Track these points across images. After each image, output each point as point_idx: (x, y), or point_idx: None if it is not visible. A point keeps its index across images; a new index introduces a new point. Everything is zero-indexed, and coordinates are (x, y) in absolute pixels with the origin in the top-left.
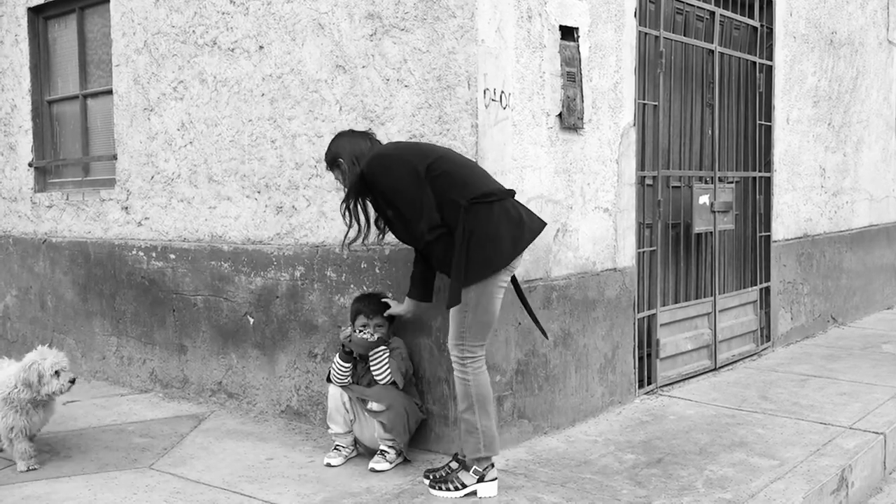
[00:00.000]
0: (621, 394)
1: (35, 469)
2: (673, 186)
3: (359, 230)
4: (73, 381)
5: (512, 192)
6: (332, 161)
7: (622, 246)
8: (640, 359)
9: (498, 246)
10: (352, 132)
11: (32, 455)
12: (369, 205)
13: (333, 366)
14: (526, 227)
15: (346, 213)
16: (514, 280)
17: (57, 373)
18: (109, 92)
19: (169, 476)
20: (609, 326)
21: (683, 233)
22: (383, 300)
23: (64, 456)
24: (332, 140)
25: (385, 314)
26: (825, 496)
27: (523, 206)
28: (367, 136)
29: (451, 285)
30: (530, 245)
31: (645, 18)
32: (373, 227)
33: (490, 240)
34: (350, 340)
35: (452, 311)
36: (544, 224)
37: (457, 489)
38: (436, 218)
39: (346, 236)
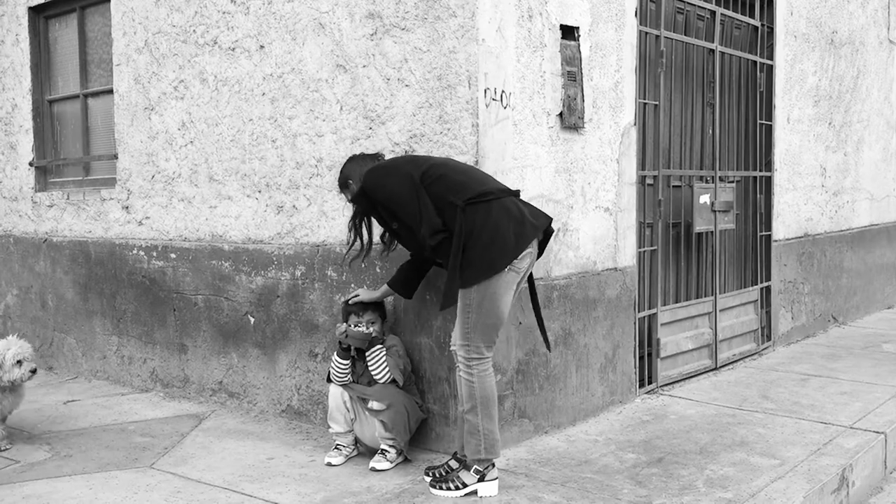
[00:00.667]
0: (622, 393)
1: (7, 449)
2: (673, 186)
3: (361, 247)
4: (34, 371)
5: (514, 192)
6: (344, 183)
7: (623, 245)
8: (641, 358)
9: (499, 245)
10: (363, 156)
11: (4, 437)
12: (374, 223)
13: (332, 364)
14: (528, 223)
15: (352, 230)
16: (531, 283)
17: (19, 362)
18: (110, 91)
19: (170, 475)
20: (610, 326)
21: (684, 232)
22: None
23: (65, 455)
24: (344, 164)
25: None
26: (826, 495)
27: (527, 203)
28: (376, 157)
29: (446, 287)
30: (544, 245)
31: (645, 18)
32: (374, 246)
33: (490, 239)
34: (346, 335)
35: (458, 311)
36: (549, 219)
37: (457, 488)
38: (437, 223)
39: (346, 253)
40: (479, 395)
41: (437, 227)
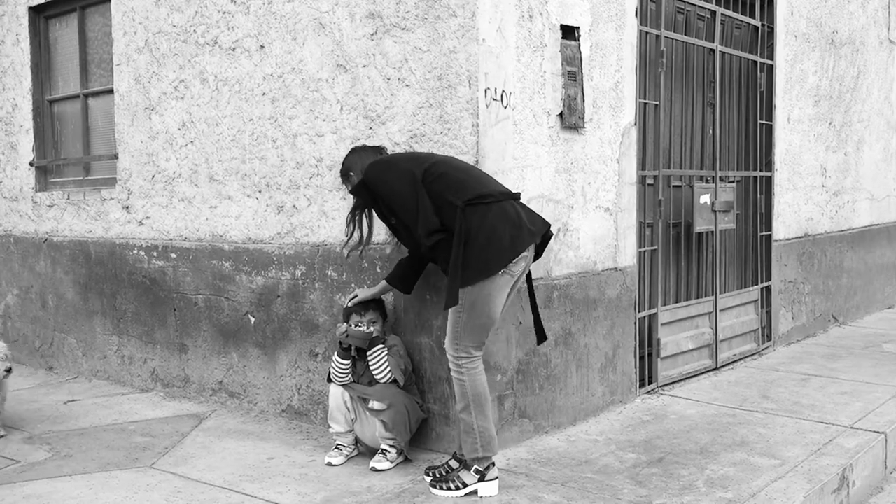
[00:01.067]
0: (622, 393)
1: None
2: (674, 186)
3: (360, 238)
4: (9, 371)
5: (515, 195)
6: (345, 174)
7: (623, 245)
8: (641, 358)
9: (495, 247)
10: (364, 147)
11: None
12: (374, 215)
13: (332, 364)
14: (525, 228)
15: (351, 222)
16: (528, 279)
17: None
18: (110, 91)
19: (170, 475)
20: (610, 326)
21: (684, 232)
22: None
23: (65, 455)
24: (346, 155)
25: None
26: (826, 495)
27: (526, 207)
28: (378, 150)
29: (449, 286)
30: (542, 248)
31: (646, 17)
32: (374, 237)
33: (486, 241)
34: (347, 335)
35: (450, 311)
36: (547, 225)
37: (458, 488)
38: (434, 222)
39: (345, 243)
40: (471, 393)
41: (433, 228)
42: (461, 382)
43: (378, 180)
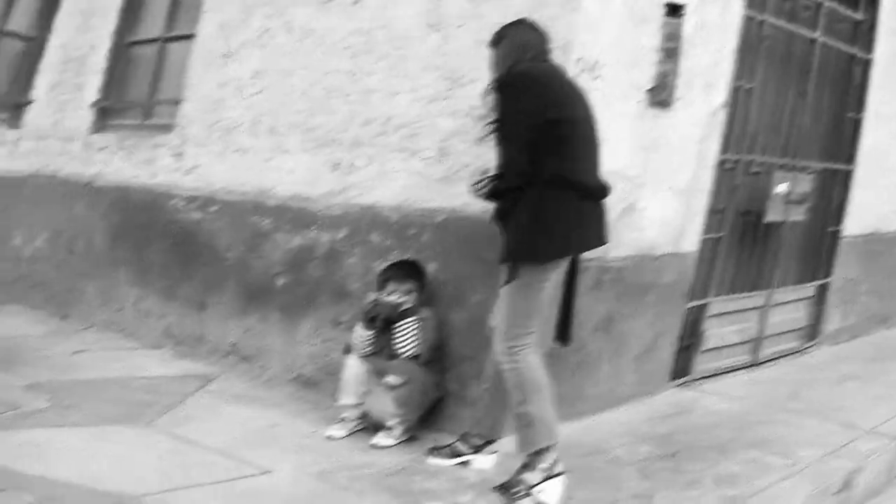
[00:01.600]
0: (654, 384)
1: None
2: (752, 172)
3: None
4: None
5: (602, 195)
6: (497, 38)
7: (689, 230)
8: (680, 350)
9: (554, 235)
10: (533, 28)
11: None
12: None
13: (355, 335)
14: (593, 231)
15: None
16: (574, 266)
17: None
18: (191, 36)
19: (168, 435)
20: (657, 313)
21: (753, 221)
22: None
23: (66, 405)
24: (507, 24)
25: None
26: (828, 497)
27: (604, 214)
28: (542, 33)
29: (511, 246)
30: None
31: (752, 1)
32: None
33: (553, 224)
34: (376, 304)
35: (506, 296)
36: (604, 243)
37: (528, 495)
38: (526, 170)
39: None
40: (528, 377)
41: (522, 171)
42: (517, 370)
43: (508, 91)
